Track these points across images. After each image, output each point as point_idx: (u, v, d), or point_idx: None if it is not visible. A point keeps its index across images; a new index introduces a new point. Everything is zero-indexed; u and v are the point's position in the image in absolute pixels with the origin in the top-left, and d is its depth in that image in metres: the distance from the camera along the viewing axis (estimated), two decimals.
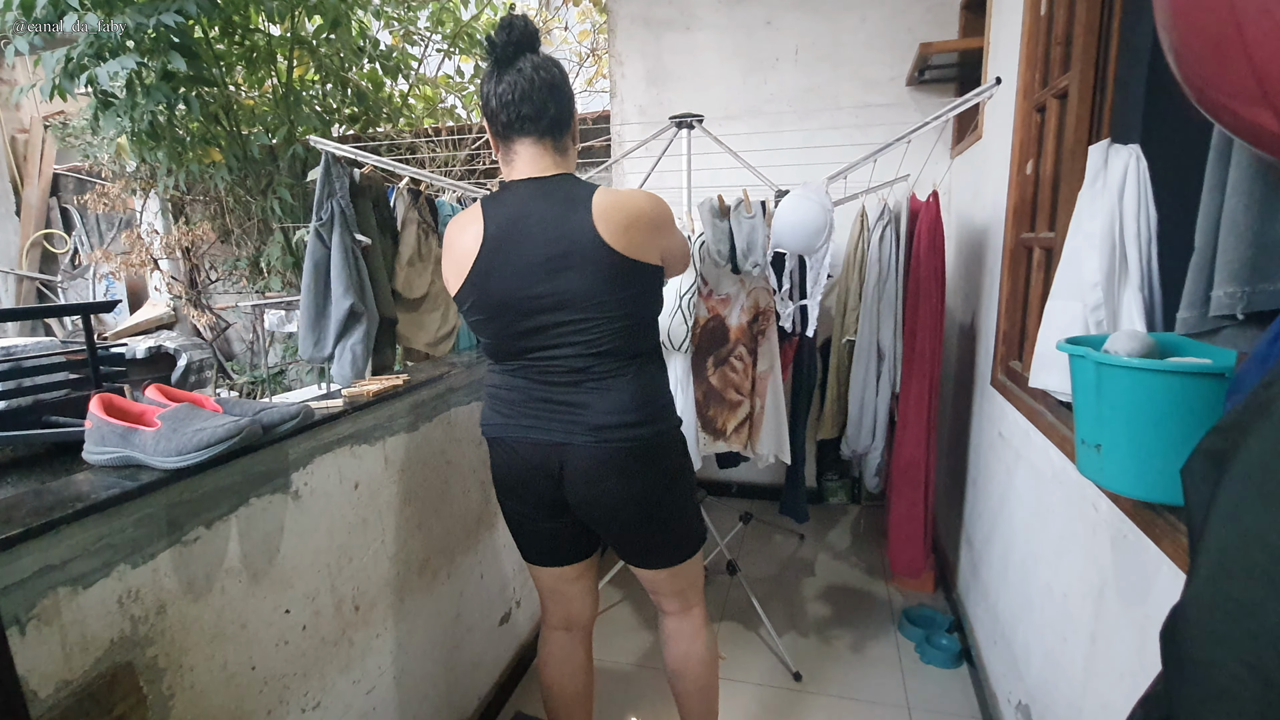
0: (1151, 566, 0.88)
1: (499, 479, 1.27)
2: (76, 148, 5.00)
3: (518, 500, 1.26)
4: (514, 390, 1.19)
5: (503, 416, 1.21)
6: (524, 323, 1.12)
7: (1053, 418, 1.31)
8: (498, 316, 1.13)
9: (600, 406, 1.14)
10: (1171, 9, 0.49)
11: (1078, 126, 1.30)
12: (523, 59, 1.08)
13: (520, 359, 1.17)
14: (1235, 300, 0.56)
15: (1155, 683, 0.50)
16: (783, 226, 1.72)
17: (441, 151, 4.38)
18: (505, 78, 1.08)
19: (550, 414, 1.16)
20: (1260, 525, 0.39)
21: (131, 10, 3.35)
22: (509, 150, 1.14)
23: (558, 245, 1.09)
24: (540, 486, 1.21)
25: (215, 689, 0.94)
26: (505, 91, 1.08)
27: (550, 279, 1.09)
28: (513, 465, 1.22)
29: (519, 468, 1.21)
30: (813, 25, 2.79)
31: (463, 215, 1.18)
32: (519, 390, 1.18)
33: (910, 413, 2.03)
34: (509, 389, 1.20)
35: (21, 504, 0.76)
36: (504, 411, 1.21)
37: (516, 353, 1.16)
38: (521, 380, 1.18)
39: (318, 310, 1.73)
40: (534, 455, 1.19)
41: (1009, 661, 1.55)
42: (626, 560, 1.32)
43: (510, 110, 1.09)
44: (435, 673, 1.52)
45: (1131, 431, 0.80)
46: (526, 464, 1.20)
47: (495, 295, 1.12)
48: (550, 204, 1.11)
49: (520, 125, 1.10)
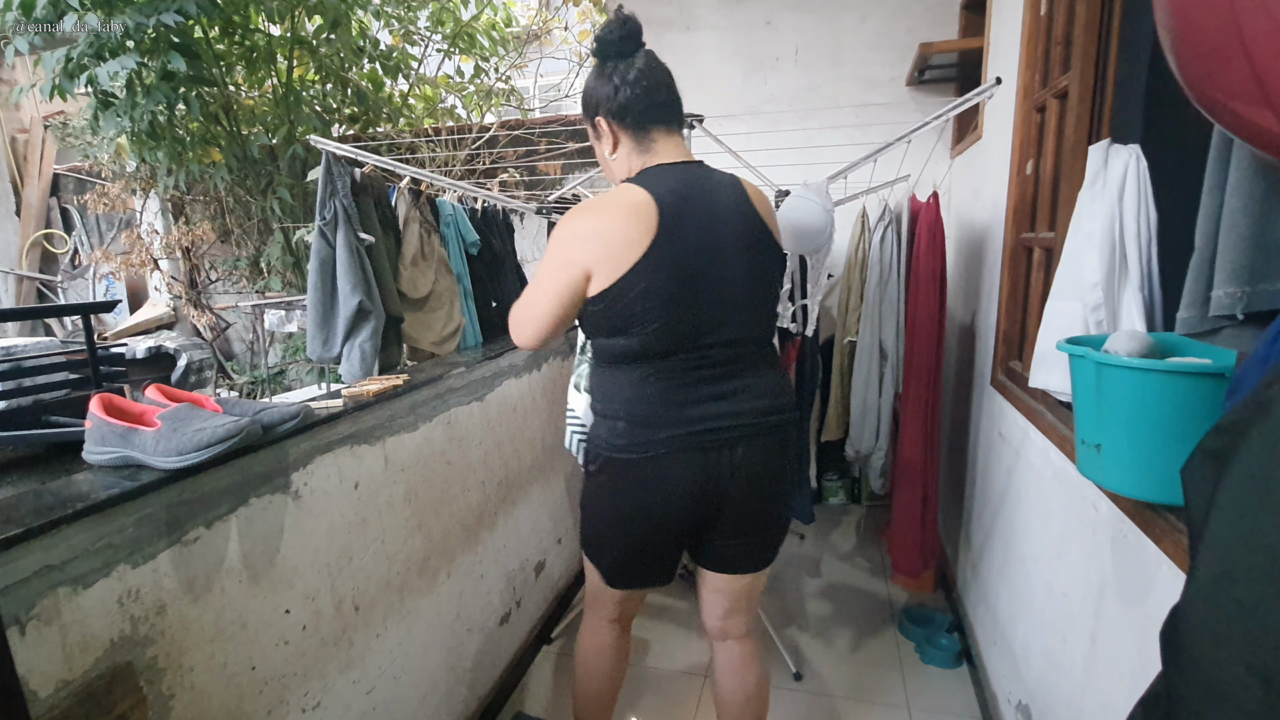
0: (1151, 566, 0.88)
1: (632, 505, 1.17)
2: (76, 148, 5.00)
3: (652, 525, 1.18)
4: (661, 394, 1.11)
5: (647, 431, 1.11)
6: (707, 308, 1.09)
7: (1053, 418, 1.31)
8: (677, 299, 1.07)
9: (759, 388, 1.14)
10: (1171, 9, 0.49)
11: (1078, 126, 1.30)
12: (639, 53, 1.12)
13: (681, 352, 1.10)
14: (1235, 300, 0.56)
15: (1155, 683, 0.50)
16: (783, 227, 1.72)
17: (442, 151, 4.38)
18: (635, 67, 1.10)
19: (714, 406, 1.11)
20: (1260, 525, 0.39)
21: (131, 10, 3.35)
22: (645, 138, 1.14)
23: (740, 225, 1.11)
24: (690, 503, 1.14)
25: (215, 689, 0.94)
26: (639, 79, 1.10)
27: (738, 258, 1.11)
28: (661, 486, 1.13)
29: (667, 489, 1.13)
30: (813, 25, 2.79)
31: (603, 199, 1.10)
32: (670, 391, 1.11)
33: (909, 413, 2.03)
34: (649, 398, 1.11)
35: (21, 504, 0.76)
36: (650, 424, 1.11)
37: (683, 342, 1.09)
38: (671, 381, 1.11)
39: (325, 310, 1.72)
40: (692, 469, 1.12)
41: (1009, 661, 1.55)
42: (734, 567, 1.26)
43: (649, 98, 1.11)
44: (435, 673, 1.52)
45: (1131, 431, 0.80)
46: (678, 483, 1.13)
47: (679, 273, 1.06)
48: (718, 186, 1.12)
49: (659, 113, 1.13)
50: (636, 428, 1.12)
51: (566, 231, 1.09)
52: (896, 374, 2.14)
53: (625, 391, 1.13)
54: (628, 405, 1.13)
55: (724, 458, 1.13)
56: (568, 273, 1.09)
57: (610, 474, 1.18)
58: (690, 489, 1.14)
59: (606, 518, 1.23)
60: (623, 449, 1.14)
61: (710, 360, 1.11)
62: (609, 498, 1.20)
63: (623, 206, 1.07)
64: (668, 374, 1.11)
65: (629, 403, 1.13)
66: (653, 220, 1.06)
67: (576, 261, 1.08)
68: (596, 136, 1.19)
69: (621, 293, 1.07)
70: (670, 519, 1.17)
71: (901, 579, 2.33)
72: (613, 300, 1.08)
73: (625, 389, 1.13)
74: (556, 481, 2.29)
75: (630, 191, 1.09)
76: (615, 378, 1.15)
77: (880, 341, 2.15)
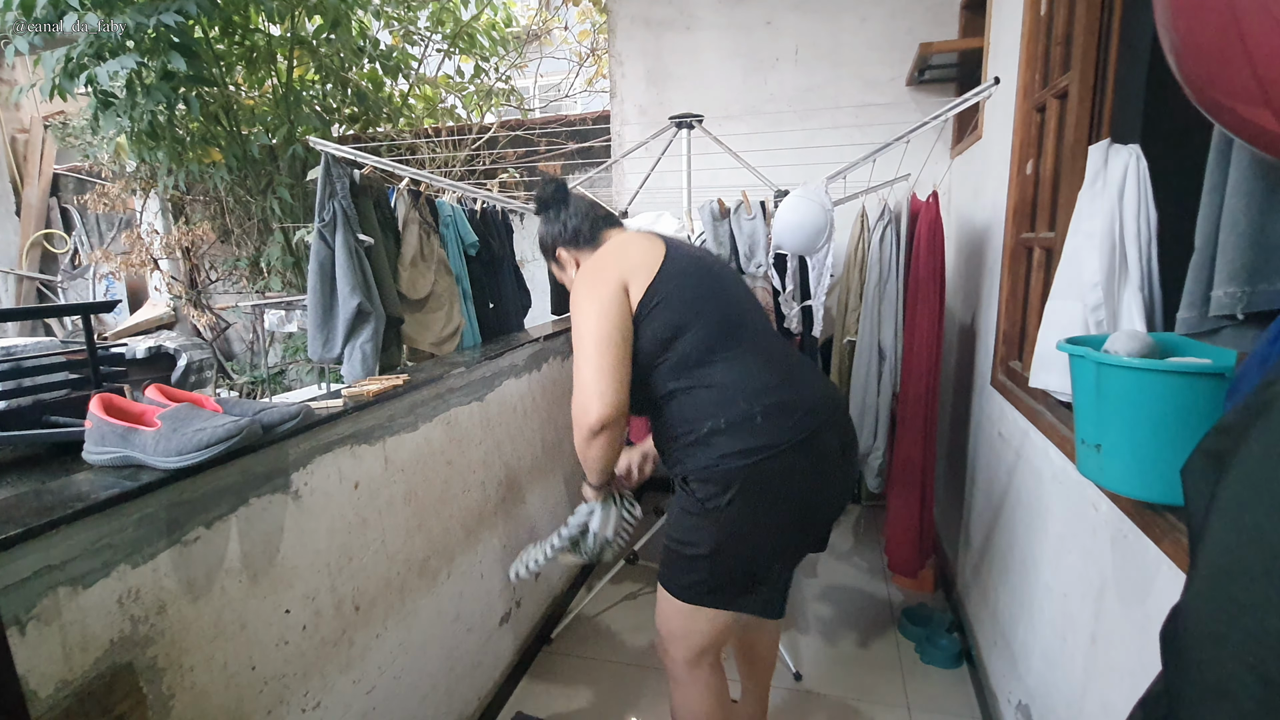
0: (1151, 566, 0.88)
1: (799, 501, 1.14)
2: (76, 148, 5.00)
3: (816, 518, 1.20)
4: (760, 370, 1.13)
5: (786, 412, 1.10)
6: (732, 303, 1.18)
7: (1053, 418, 1.31)
8: (710, 291, 1.16)
9: (806, 374, 1.21)
10: (1171, 9, 0.49)
11: (1078, 126, 1.30)
12: (569, 196, 1.35)
13: (736, 339, 1.14)
14: (1235, 300, 0.56)
15: (1155, 683, 0.50)
16: (783, 227, 1.73)
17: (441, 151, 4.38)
18: (570, 204, 1.33)
19: (811, 369, 1.22)
20: (1260, 525, 0.39)
21: (132, 10, 3.35)
22: (601, 238, 1.31)
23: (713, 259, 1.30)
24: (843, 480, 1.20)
25: (215, 689, 0.94)
26: (577, 208, 1.32)
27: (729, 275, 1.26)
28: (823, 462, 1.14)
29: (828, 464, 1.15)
30: (813, 25, 2.79)
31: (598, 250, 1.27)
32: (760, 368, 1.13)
33: (907, 413, 2.03)
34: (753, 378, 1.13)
35: (21, 504, 0.76)
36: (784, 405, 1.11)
37: (734, 328, 1.15)
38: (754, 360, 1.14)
39: (325, 311, 1.72)
40: (835, 437, 1.16)
41: (1009, 661, 1.55)
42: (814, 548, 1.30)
43: (590, 215, 1.32)
44: (435, 673, 1.52)
45: (1131, 431, 0.80)
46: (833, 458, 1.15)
47: (698, 272, 1.18)
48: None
49: (602, 222, 1.32)
50: (771, 415, 1.10)
51: (587, 273, 1.20)
52: (895, 374, 2.14)
53: (724, 394, 1.12)
54: (747, 397, 1.11)
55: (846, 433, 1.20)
56: (608, 290, 1.13)
57: (765, 480, 1.10)
58: (833, 477, 1.17)
59: (766, 544, 1.15)
60: (777, 443, 1.09)
61: (758, 346, 1.16)
62: (767, 514, 1.12)
63: (622, 239, 1.25)
64: (742, 357, 1.13)
65: (745, 396, 1.11)
66: (656, 240, 1.20)
67: (609, 279, 1.14)
68: (561, 268, 1.35)
69: (663, 285, 1.13)
70: (820, 519, 1.21)
71: (900, 579, 2.33)
72: (658, 296, 1.12)
73: (723, 392, 1.12)
74: (556, 481, 2.29)
75: (618, 233, 1.30)
76: (701, 399, 1.13)
77: (879, 342, 2.15)
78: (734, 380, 1.12)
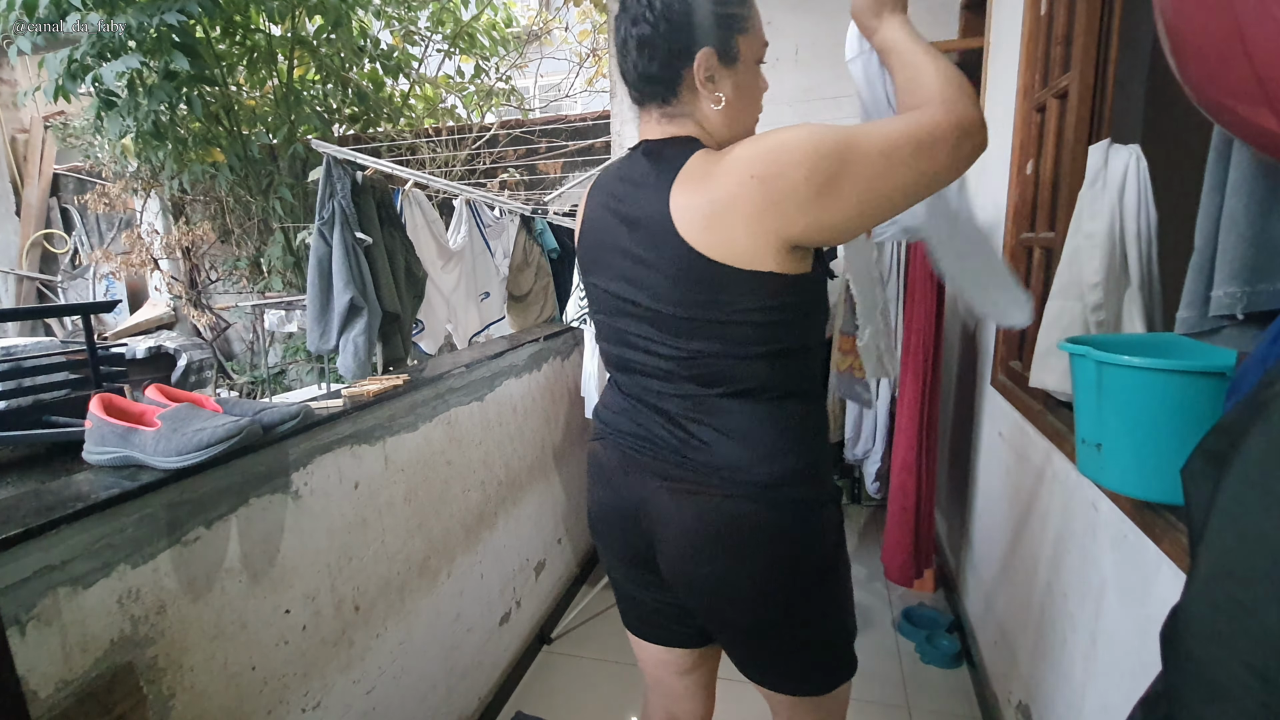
0: (1151, 566, 0.88)
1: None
2: (77, 148, 5.00)
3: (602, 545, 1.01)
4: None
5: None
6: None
7: (1053, 418, 1.31)
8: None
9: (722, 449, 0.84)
10: (1171, 9, 0.49)
11: (1078, 126, 1.30)
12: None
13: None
14: (1235, 300, 0.56)
15: (1155, 683, 0.49)
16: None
17: (442, 151, 4.38)
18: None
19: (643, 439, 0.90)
20: (1260, 525, 0.39)
21: (134, 10, 3.36)
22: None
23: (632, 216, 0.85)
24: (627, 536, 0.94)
25: (215, 689, 0.94)
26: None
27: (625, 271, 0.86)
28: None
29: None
30: (813, 25, 2.79)
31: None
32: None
33: (905, 416, 2.02)
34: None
35: (21, 504, 0.76)
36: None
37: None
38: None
39: (322, 305, 1.81)
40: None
41: (1009, 661, 1.55)
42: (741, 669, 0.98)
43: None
44: (435, 673, 1.52)
45: (1132, 431, 0.80)
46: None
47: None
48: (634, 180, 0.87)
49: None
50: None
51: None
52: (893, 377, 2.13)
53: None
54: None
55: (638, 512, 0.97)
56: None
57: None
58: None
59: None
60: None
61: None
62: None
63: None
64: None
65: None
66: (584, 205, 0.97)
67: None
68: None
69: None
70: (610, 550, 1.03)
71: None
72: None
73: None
74: (556, 482, 2.29)
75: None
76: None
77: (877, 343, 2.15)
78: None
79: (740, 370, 0.81)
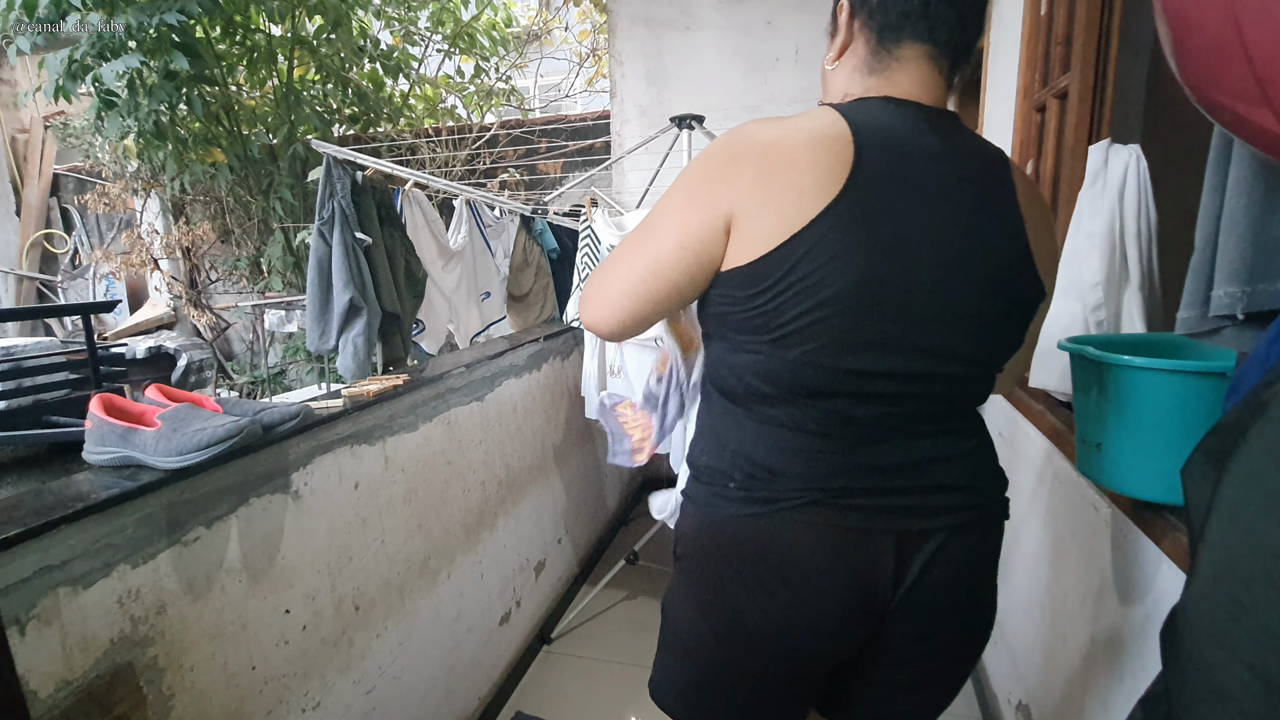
0: (1151, 566, 0.88)
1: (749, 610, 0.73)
2: (77, 148, 5.00)
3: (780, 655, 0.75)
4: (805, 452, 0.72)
5: (774, 478, 0.72)
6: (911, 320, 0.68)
7: (1053, 418, 1.31)
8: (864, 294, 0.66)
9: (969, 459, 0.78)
10: (1171, 9, 0.49)
11: (1078, 126, 1.30)
12: None
13: (849, 393, 0.70)
14: (1235, 300, 0.56)
15: (1155, 683, 0.50)
16: None
17: (442, 151, 4.38)
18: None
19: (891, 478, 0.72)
20: (1260, 525, 0.39)
21: (134, 10, 3.36)
22: (886, 53, 0.73)
23: (988, 224, 0.71)
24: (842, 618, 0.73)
25: (215, 689, 0.94)
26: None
27: (974, 263, 0.70)
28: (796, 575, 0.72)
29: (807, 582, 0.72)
30: (813, 25, 2.79)
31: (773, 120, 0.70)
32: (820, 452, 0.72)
33: None
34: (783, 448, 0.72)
35: (21, 504, 0.76)
36: (779, 471, 0.72)
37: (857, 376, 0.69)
38: (824, 440, 0.72)
39: (322, 305, 1.81)
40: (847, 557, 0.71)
41: (1009, 661, 1.55)
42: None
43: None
44: (435, 673, 1.52)
45: (1132, 431, 0.80)
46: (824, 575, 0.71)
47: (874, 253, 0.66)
48: (969, 154, 0.73)
49: (926, 21, 0.70)
50: (758, 474, 0.72)
51: (717, 154, 0.70)
52: None
53: (745, 433, 0.74)
54: (746, 448, 0.74)
55: (904, 551, 0.72)
56: (699, 215, 0.68)
57: (709, 549, 0.76)
58: (844, 592, 0.72)
59: (706, 640, 0.78)
60: (733, 498, 0.73)
61: (898, 411, 0.71)
62: (711, 599, 0.76)
63: (802, 133, 0.67)
64: (819, 427, 0.71)
65: (749, 444, 0.74)
66: (843, 163, 0.66)
67: (721, 199, 0.68)
68: (832, 30, 0.80)
69: (777, 267, 0.66)
70: (810, 643, 0.74)
71: None
72: (763, 279, 0.67)
73: (744, 432, 0.74)
74: (556, 482, 2.29)
75: (820, 116, 0.69)
76: (732, 420, 0.76)
77: None
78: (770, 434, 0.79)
79: None
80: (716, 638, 0.77)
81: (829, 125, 0.68)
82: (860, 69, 0.75)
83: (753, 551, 0.73)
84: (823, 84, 0.84)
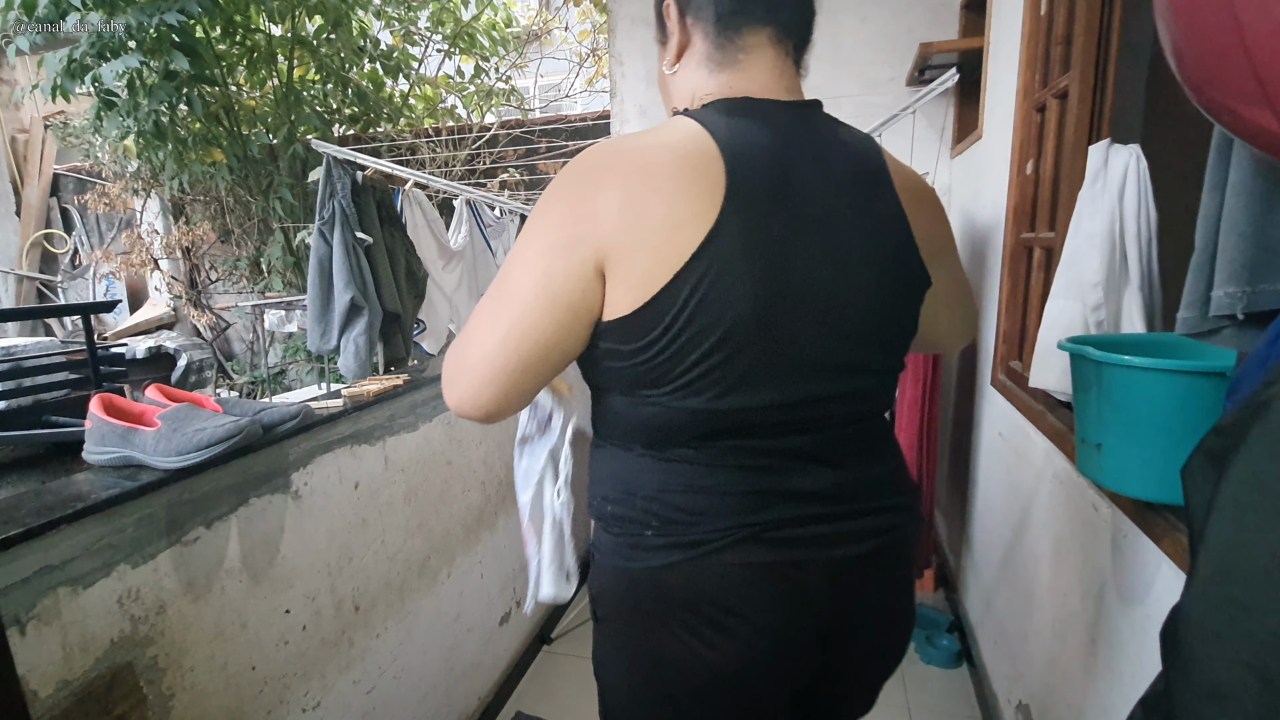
0: (1151, 566, 0.88)
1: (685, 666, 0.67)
2: (77, 148, 5.01)
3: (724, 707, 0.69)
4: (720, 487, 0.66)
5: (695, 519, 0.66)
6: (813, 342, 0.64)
7: (1053, 418, 1.31)
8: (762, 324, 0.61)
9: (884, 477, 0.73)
10: (1171, 9, 0.49)
11: (1078, 126, 1.30)
12: None
13: (762, 429, 0.66)
14: (1235, 300, 0.56)
15: (1155, 683, 0.50)
16: None
17: (442, 151, 4.38)
18: None
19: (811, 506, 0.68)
20: (1260, 525, 0.39)
21: (134, 10, 3.36)
22: (730, 44, 0.68)
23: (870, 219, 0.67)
24: (782, 663, 0.69)
25: (215, 689, 0.94)
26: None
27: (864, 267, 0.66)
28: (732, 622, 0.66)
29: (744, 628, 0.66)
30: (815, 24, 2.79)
31: (631, 140, 0.63)
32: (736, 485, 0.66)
33: (905, 416, 2.03)
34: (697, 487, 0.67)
35: (21, 504, 0.76)
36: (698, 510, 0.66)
37: (768, 410, 0.64)
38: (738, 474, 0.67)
39: (323, 305, 1.81)
40: (783, 597, 0.67)
41: (1009, 661, 1.55)
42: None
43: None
44: (435, 673, 1.52)
45: (1132, 431, 0.80)
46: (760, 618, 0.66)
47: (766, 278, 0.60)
48: (839, 148, 0.69)
49: (761, 6, 0.68)
50: (677, 518, 0.66)
51: (573, 185, 0.63)
52: None
53: (655, 478, 0.68)
54: (660, 493, 0.67)
55: (838, 578, 0.69)
56: (564, 261, 0.60)
57: (634, 607, 0.69)
58: (788, 628, 0.68)
59: (655, 700, 0.71)
60: (653, 547, 0.67)
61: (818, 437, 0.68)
62: (646, 660, 0.70)
63: (666, 152, 0.61)
64: (737, 462, 0.66)
65: (662, 488, 0.67)
66: (714, 184, 0.59)
67: (586, 240, 0.59)
68: (661, 36, 0.74)
69: (665, 312, 0.59)
70: (766, 686, 0.69)
71: None
72: (650, 328, 0.60)
73: (654, 476, 0.68)
74: None
75: (680, 131, 0.63)
76: (637, 464, 0.69)
77: None
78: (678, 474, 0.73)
79: None
80: (664, 695, 0.70)
81: (692, 141, 0.61)
82: (706, 66, 0.70)
83: (684, 603, 0.66)
84: (664, 91, 0.77)
